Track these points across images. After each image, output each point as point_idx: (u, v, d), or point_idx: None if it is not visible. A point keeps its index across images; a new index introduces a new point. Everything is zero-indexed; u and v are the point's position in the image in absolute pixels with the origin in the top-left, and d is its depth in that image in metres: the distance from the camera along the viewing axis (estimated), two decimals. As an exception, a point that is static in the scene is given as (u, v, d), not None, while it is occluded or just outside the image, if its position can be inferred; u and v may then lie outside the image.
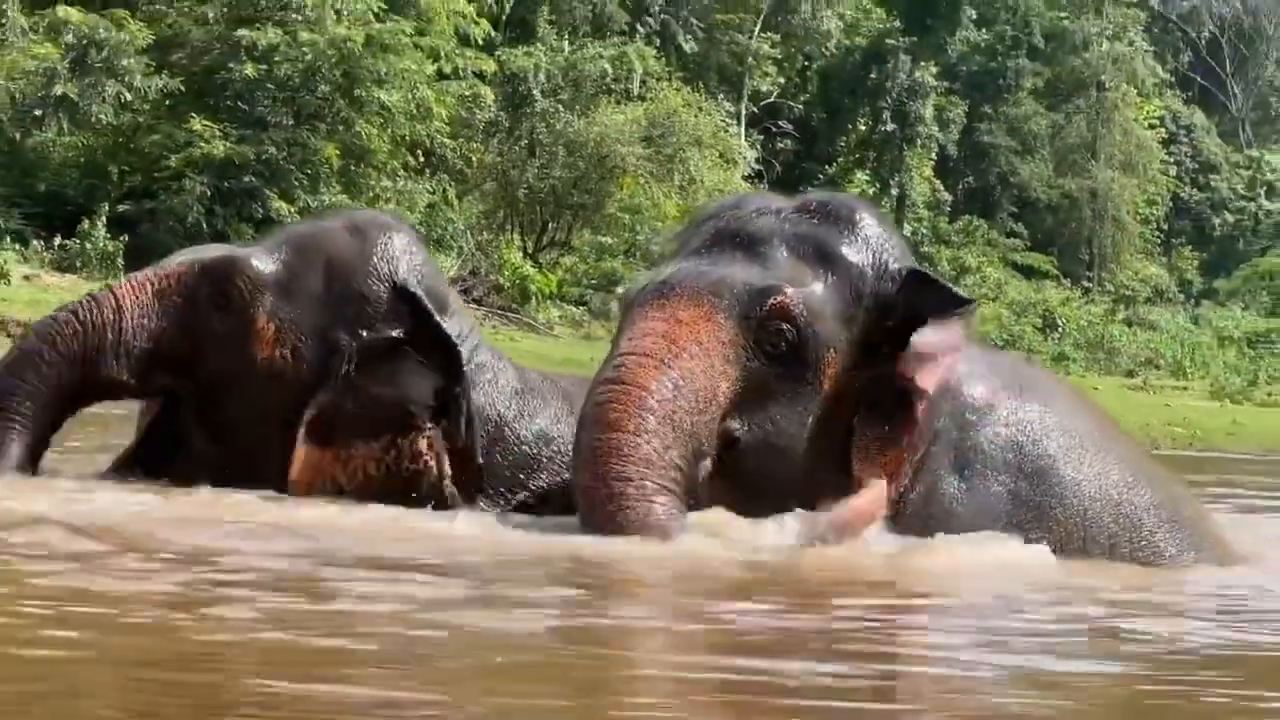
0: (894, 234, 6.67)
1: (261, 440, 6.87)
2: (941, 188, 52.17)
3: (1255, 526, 8.53)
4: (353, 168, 33.43)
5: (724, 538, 5.95)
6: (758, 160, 48.48)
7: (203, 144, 31.18)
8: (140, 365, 6.92)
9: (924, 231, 49.87)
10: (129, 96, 31.73)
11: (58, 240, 30.50)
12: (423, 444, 6.90)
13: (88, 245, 30.25)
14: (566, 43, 42.50)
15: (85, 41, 31.66)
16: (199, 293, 6.95)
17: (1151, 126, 59.71)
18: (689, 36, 48.46)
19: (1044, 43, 57.11)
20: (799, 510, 6.10)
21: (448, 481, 6.92)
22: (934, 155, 52.64)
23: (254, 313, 6.91)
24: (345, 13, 32.87)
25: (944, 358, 6.38)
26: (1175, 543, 6.88)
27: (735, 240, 6.36)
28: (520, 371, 7.50)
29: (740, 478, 6.07)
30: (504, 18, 41.48)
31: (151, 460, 7.08)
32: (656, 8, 46.85)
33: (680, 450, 5.90)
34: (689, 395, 5.94)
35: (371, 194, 34.20)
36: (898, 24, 52.74)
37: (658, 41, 46.58)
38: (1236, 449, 27.43)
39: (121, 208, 31.25)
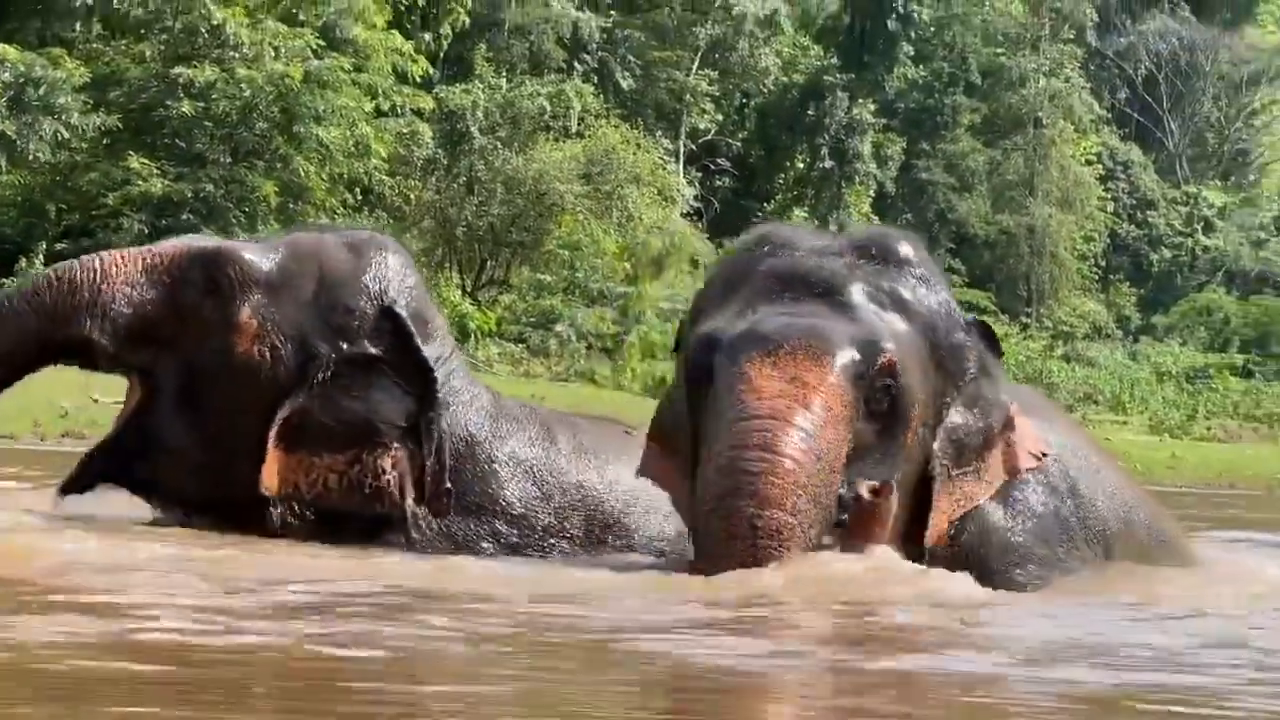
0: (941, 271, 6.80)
1: (236, 436, 7.01)
2: (879, 223, 52.44)
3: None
4: (291, 205, 33.56)
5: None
6: (696, 197, 48.63)
7: (140, 182, 31.36)
8: (120, 332, 7.03)
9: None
10: (66, 134, 31.83)
11: (-6, 278, 30.63)
12: (387, 462, 7.06)
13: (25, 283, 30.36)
14: (504, 80, 42.65)
15: (22, 80, 31.73)
16: (189, 275, 7.09)
17: (1089, 163, 59.92)
18: (626, 74, 48.60)
19: (981, 79, 57.33)
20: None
21: (410, 502, 7.08)
22: (872, 192, 52.72)
23: (239, 305, 7.06)
24: (283, 50, 33.01)
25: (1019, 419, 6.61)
26: (1167, 558, 7.32)
27: (809, 286, 6.31)
28: (495, 396, 7.67)
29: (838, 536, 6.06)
30: (442, 55, 41.69)
31: (130, 452, 7.17)
32: (594, 45, 47.01)
33: (819, 527, 5.91)
34: (827, 468, 5.90)
35: (309, 232, 34.40)
36: (835, 61, 52.92)
37: (595, 79, 46.73)
38: (1176, 482, 27.79)
39: (59, 246, 31.20)
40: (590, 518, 7.50)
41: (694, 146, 50.70)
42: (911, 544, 6.25)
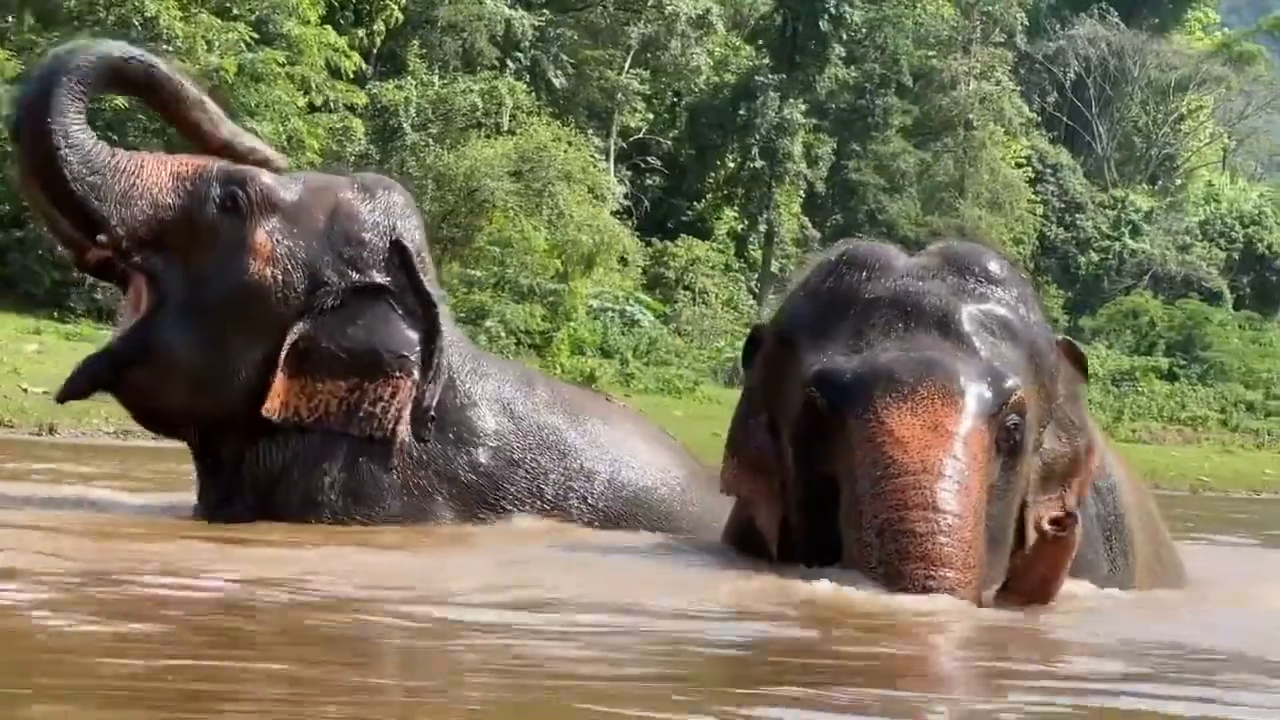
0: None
1: (237, 354, 7.18)
2: (810, 225, 52.58)
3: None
4: (223, 198, 33.62)
5: None
6: (626, 195, 48.58)
7: (72, 174, 31.37)
8: (136, 230, 7.13)
9: (792, 269, 50.19)
10: (-1, 126, 31.86)
11: (-76, 270, 30.65)
12: (387, 390, 7.25)
13: (-46, 274, 30.46)
14: (437, 77, 42.72)
15: (-47, 71, 31.83)
16: (211, 190, 7.20)
17: (1018, 165, 60.27)
18: (559, 72, 48.68)
19: (912, 81, 57.44)
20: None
21: (403, 429, 7.28)
22: (802, 192, 52.90)
23: (255, 226, 7.20)
24: (216, 43, 33.05)
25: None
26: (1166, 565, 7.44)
27: (918, 315, 6.16)
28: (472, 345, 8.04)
29: None
30: (375, 51, 41.74)
31: (129, 360, 7.20)
32: (527, 43, 47.09)
33: (981, 575, 5.80)
34: (980, 516, 5.77)
35: (241, 225, 34.46)
36: (767, 61, 53.03)
37: (528, 77, 46.75)
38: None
39: (-10, 235, 31.42)
40: (562, 458, 7.71)
41: (625, 145, 50.76)
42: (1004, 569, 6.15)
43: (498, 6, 45.11)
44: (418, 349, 7.37)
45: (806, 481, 6.12)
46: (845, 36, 54.90)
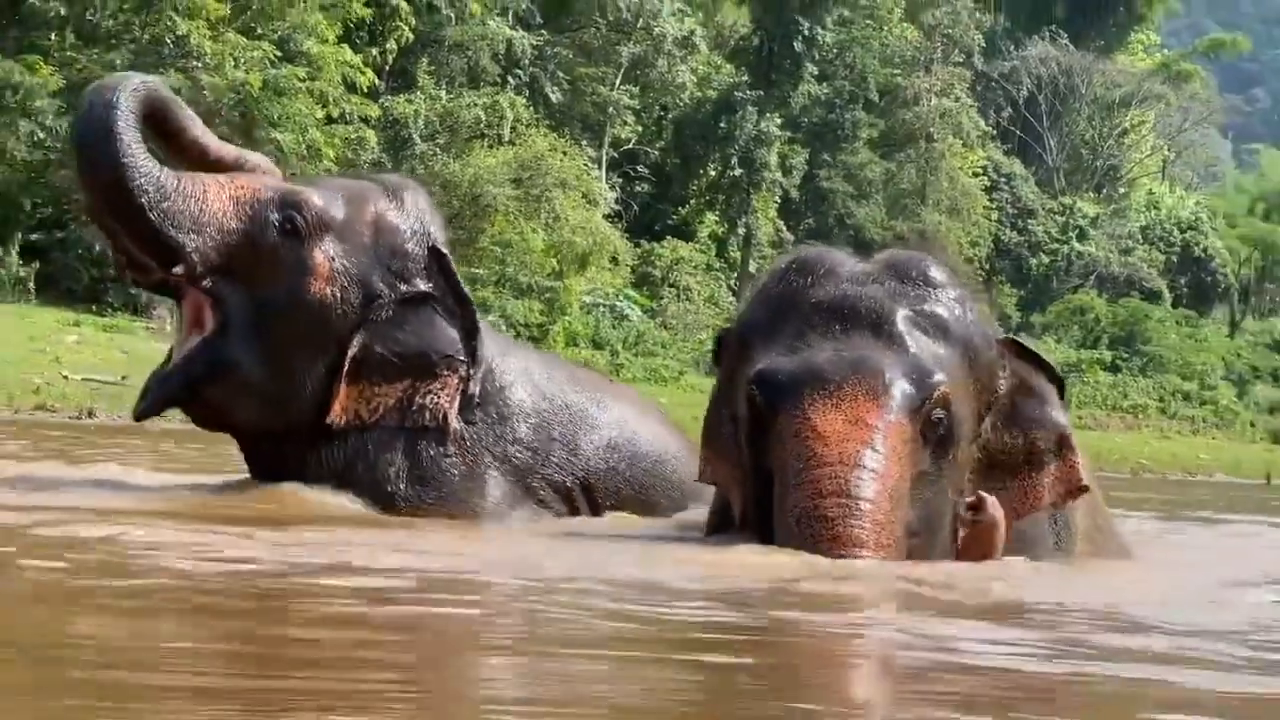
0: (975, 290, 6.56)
1: (302, 370, 7.08)
2: (784, 228, 52.53)
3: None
4: (248, 202, 33.62)
5: None
6: (617, 201, 48.59)
7: (110, 179, 31.39)
8: (208, 256, 6.92)
9: (767, 268, 50.10)
10: (42, 135, 31.80)
11: (-27, 267, 30.65)
12: (437, 385, 7.23)
13: (1, 271, 30.43)
14: (444, 92, 42.77)
15: (1, 85, 31.78)
16: (270, 215, 7.02)
17: (975, 175, 60.23)
18: (555, 88, 48.69)
19: (878, 97, 57.36)
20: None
21: (454, 417, 7.28)
22: (778, 198, 52.83)
23: (313, 246, 7.07)
24: (242, 60, 33.03)
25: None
26: (1103, 533, 7.34)
27: (857, 316, 6.13)
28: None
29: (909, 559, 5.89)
30: (387, 68, 41.73)
31: (199, 378, 7.02)
32: (526, 61, 47.10)
33: (897, 559, 5.76)
34: (898, 504, 5.76)
35: (265, 227, 34.44)
36: (745, 79, 53.00)
37: (527, 92, 46.76)
38: (1049, 466, 28.23)
39: (34, 237, 31.36)
40: (592, 431, 7.75)
41: (616, 154, 50.72)
42: (947, 555, 6.15)
43: (500, 27, 45.13)
44: (459, 345, 7.34)
45: (754, 475, 6.11)
46: (817, 56, 54.85)
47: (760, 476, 6.05)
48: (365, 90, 37.92)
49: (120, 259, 6.99)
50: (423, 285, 7.32)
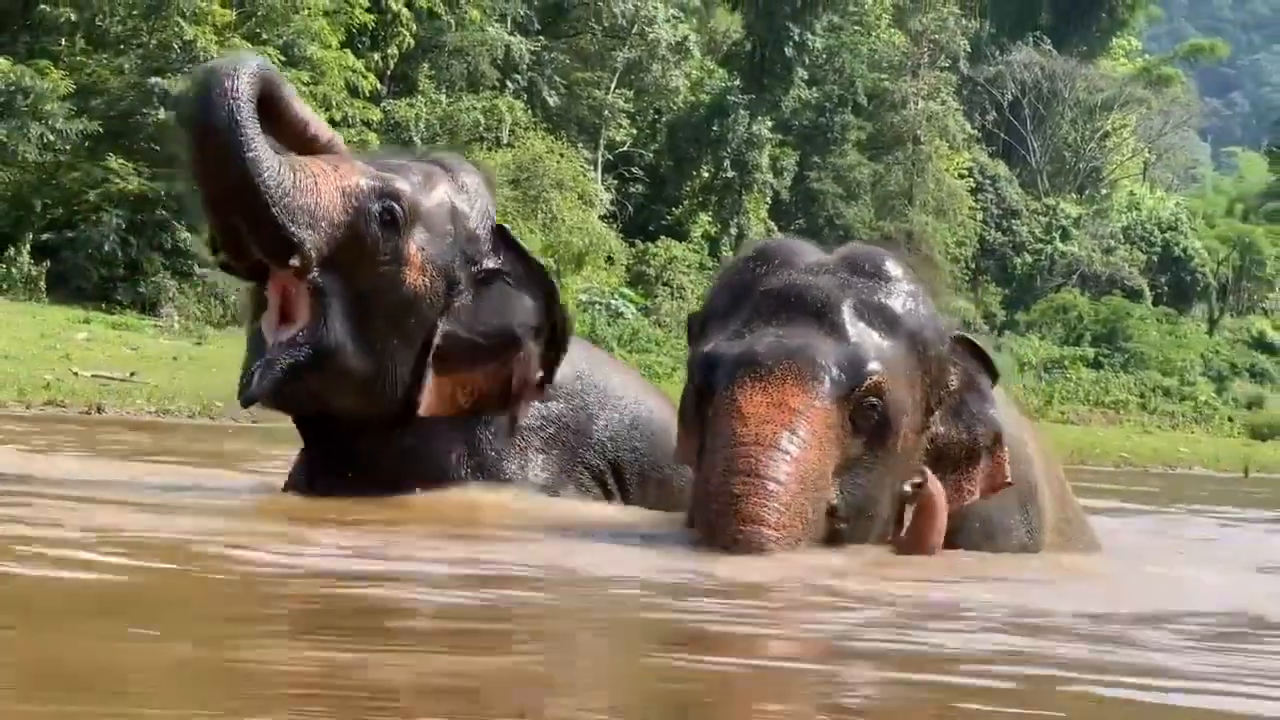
0: (931, 285, 6.57)
1: (397, 359, 6.83)
2: (776, 228, 52.39)
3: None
4: (253, 203, 33.63)
5: None
6: (612, 202, 48.70)
7: (119, 181, 31.37)
8: (321, 247, 6.58)
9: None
10: (52, 138, 31.82)
11: (-15, 265, 30.68)
12: (523, 357, 7.00)
13: (13, 270, 30.47)
14: (444, 96, 42.84)
15: (13, 89, 31.76)
16: (371, 206, 6.72)
17: (961, 176, 60.30)
18: (553, 91, 48.72)
19: (867, 101, 57.38)
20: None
21: (529, 391, 7.06)
22: (769, 200, 52.86)
23: (409, 237, 6.79)
24: (248, 65, 33.02)
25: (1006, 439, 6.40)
26: (1072, 524, 7.37)
27: (803, 307, 6.09)
28: None
29: (835, 543, 5.88)
30: (389, 73, 41.74)
31: (300, 367, 6.63)
32: (524, 66, 47.12)
33: (805, 541, 5.71)
34: (810, 485, 5.71)
35: (270, 227, 34.46)
36: (737, 83, 52.99)
37: (525, 96, 46.85)
38: (1033, 460, 28.28)
39: (45, 237, 31.36)
40: (619, 407, 7.54)
41: (611, 156, 50.76)
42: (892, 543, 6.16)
43: (499, 33, 45.21)
44: (539, 314, 7.12)
45: (699, 455, 6.07)
46: (807, 61, 54.90)
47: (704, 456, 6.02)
48: (367, 94, 37.92)
49: (221, 243, 6.64)
50: (492, 263, 7.08)
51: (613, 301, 43.86)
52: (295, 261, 6.52)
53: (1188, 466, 33.00)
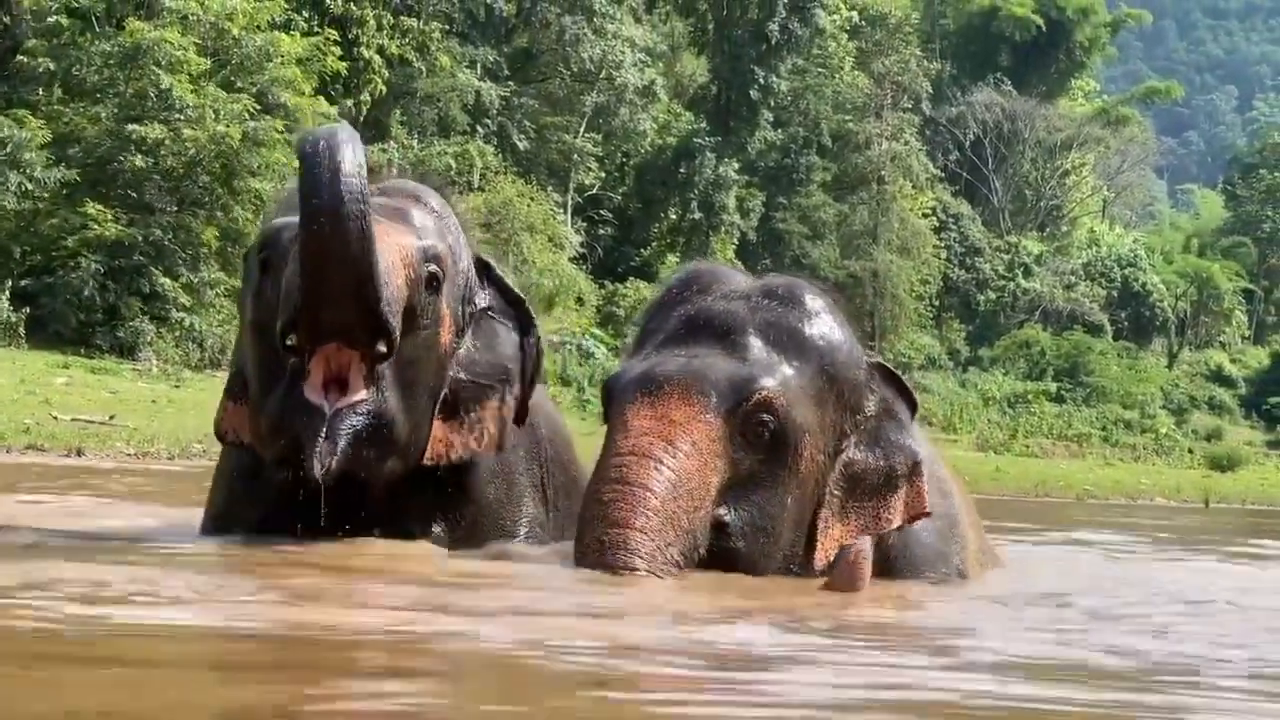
0: (847, 317, 6.38)
1: (423, 416, 6.45)
2: (743, 268, 52.47)
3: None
4: (229, 248, 33.57)
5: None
6: (582, 244, 48.73)
7: (96, 227, 31.29)
8: (396, 327, 6.01)
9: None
10: (30, 186, 31.77)
11: (-35, 312, 30.60)
12: (515, 392, 6.71)
13: (-8, 316, 30.45)
14: (416, 141, 42.94)
15: (-9, 138, 31.85)
16: (421, 271, 6.21)
17: (925, 215, 60.50)
18: (522, 136, 48.80)
19: (831, 142, 57.67)
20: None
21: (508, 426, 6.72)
22: (735, 240, 52.94)
23: (444, 297, 6.38)
24: (223, 112, 33.03)
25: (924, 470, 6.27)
26: (987, 554, 7.36)
27: (709, 329, 6.02)
28: None
29: (730, 560, 5.73)
30: (361, 119, 41.78)
31: (359, 437, 6.10)
32: (494, 111, 47.23)
33: (679, 547, 5.58)
34: (686, 494, 5.60)
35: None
36: (704, 125, 53.20)
37: (495, 140, 46.95)
38: (1000, 492, 28.23)
39: (24, 283, 31.24)
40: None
41: (580, 199, 50.77)
42: (802, 566, 6.00)
43: (469, 79, 45.34)
44: (521, 349, 6.79)
45: None
46: (773, 104, 55.17)
47: None
48: (341, 140, 37.93)
49: (307, 327, 6.00)
50: (481, 301, 6.74)
51: (584, 342, 43.90)
52: (383, 348, 6.10)
53: (1149, 498, 33.12)
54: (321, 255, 5.77)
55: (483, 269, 6.79)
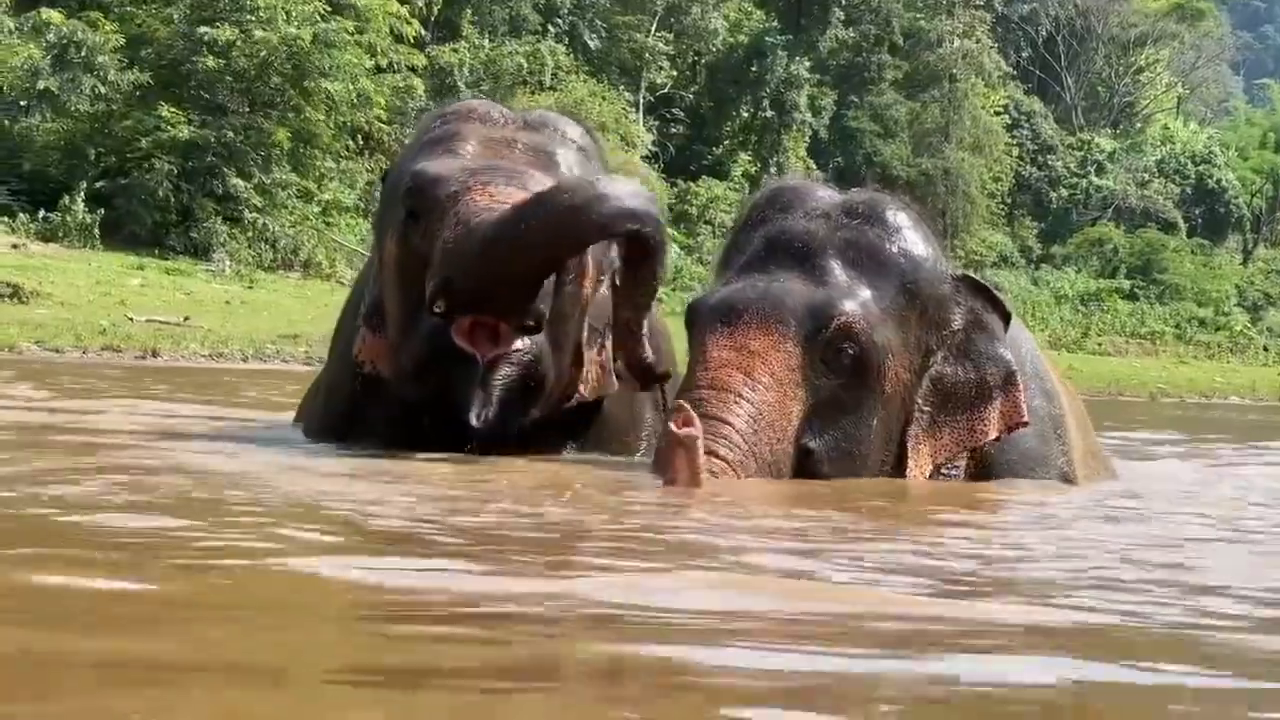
0: (932, 231, 6.36)
1: (566, 363, 6.48)
2: (814, 167, 52.37)
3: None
4: (301, 149, 33.67)
5: None
6: (654, 143, 48.65)
7: (169, 129, 31.40)
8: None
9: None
10: (104, 89, 31.89)
11: (41, 213, 30.70)
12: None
13: (68, 218, 30.51)
14: (487, 41, 42.68)
15: (65, 41, 31.86)
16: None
17: (996, 113, 60.05)
18: (594, 35, 48.59)
19: (903, 40, 57.29)
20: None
21: None
22: (807, 139, 52.78)
23: (588, 249, 6.38)
24: (294, 14, 32.95)
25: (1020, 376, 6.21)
26: (1096, 457, 7.24)
27: (789, 251, 5.99)
28: None
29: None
30: (433, 19, 41.60)
31: (511, 388, 6.13)
32: (565, 10, 46.99)
33: (764, 476, 5.62)
34: (767, 426, 5.63)
35: (317, 172, 34.52)
36: (776, 24, 52.87)
37: (567, 40, 46.75)
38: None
39: (98, 185, 31.39)
40: None
41: (652, 99, 50.71)
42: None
43: (541, -22, 45.06)
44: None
45: None
46: (844, 1, 54.75)
47: None
48: (412, 40, 37.91)
49: (476, 300, 6.01)
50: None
51: (656, 241, 43.70)
52: (531, 323, 6.09)
53: (1223, 396, 32.72)
54: (550, 231, 5.86)
55: None
